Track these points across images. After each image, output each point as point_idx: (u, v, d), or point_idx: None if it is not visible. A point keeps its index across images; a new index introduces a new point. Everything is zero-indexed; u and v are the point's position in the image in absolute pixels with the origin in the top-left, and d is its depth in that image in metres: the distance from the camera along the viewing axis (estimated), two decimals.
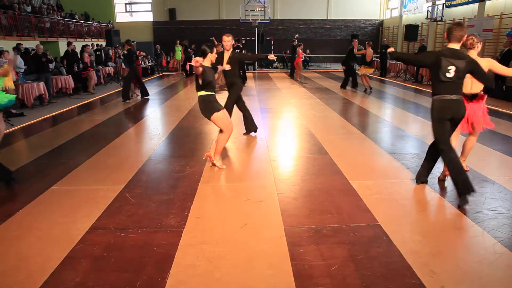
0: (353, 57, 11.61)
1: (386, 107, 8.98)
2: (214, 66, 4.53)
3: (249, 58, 12.50)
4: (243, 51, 12.72)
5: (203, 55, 4.28)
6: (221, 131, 4.59)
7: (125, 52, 10.35)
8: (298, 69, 14.92)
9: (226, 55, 5.52)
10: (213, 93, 4.38)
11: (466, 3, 14.72)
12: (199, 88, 4.32)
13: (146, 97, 10.52)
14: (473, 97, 3.99)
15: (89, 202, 3.59)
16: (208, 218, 3.28)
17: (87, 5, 21.51)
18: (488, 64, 3.73)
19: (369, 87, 11.17)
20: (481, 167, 4.45)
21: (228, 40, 5.42)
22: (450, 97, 3.43)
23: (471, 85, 3.91)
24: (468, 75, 3.52)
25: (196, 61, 3.85)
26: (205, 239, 2.90)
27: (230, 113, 5.37)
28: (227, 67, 5.27)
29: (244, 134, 6.15)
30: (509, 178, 4.12)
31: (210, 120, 4.45)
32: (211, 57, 4.32)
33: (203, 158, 4.78)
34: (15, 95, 4.46)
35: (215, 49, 4.35)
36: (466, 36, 3.62)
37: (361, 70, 11.25)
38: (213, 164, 4.54)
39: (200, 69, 4.07)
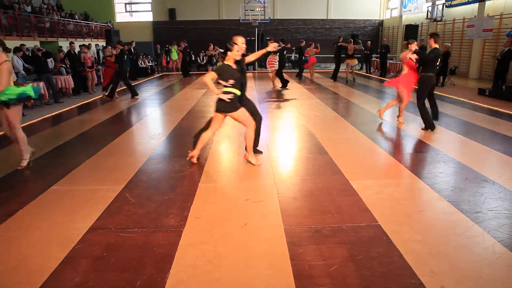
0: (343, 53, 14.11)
1: None
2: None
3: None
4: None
5: (224, 54, 4.36)
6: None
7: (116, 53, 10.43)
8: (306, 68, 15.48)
9: None
10: (234, 91, 4.31)
11: (466, 3, 14.73)
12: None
13: (136, 97, 10.63)
14: None
15: (89, 202, 3.59)
16: (208, 218, 3.28)
17: (87, 5, 21.52)
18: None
19: (352, 78, 14.15)
20: (481, 167, 4.45)
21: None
22: None
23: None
24: None
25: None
26: (205, 239, 2.90)
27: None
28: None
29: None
30: (509, 178, 4.12)
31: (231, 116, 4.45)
32: (232, 55, 4.29)
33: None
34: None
35: (236, 46, 4.29)
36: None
37: (347, 62, 13.94)
38: (248, 162, 4.69)
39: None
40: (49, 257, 2.67)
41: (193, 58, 19.93)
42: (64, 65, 11.38)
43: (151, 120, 7.74)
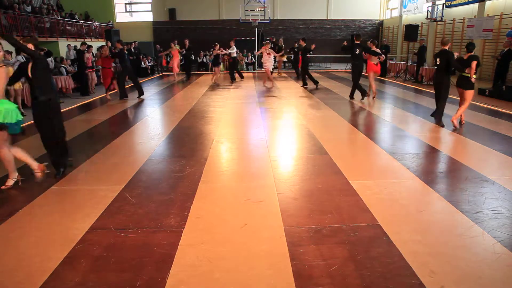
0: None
1: (386, 107, 8.98)
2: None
3: None
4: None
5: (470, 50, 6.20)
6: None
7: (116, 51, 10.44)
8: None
9: None
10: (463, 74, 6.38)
11: (466, 3, 14.73)
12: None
13: (125, 98, 10.37)
14: None
15: (89, 202, 3.59)
16: (208, 218, 3.28)
17: (87, 5, 21.54)
18: None
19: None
20: (481, 167, 4.45)
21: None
22: None
23: None
24: None
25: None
26: (205, 239, 2.90)
27: None
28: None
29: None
30: (509, 178, 4.12)
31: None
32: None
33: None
34: (22, 117, 4.28)
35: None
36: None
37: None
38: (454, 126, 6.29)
39: None
40: (49, 257, 2.67)
41: (193, 58, 19.93)
42: (64, 65, 11.38)
43: (151, 120, 7.74)
